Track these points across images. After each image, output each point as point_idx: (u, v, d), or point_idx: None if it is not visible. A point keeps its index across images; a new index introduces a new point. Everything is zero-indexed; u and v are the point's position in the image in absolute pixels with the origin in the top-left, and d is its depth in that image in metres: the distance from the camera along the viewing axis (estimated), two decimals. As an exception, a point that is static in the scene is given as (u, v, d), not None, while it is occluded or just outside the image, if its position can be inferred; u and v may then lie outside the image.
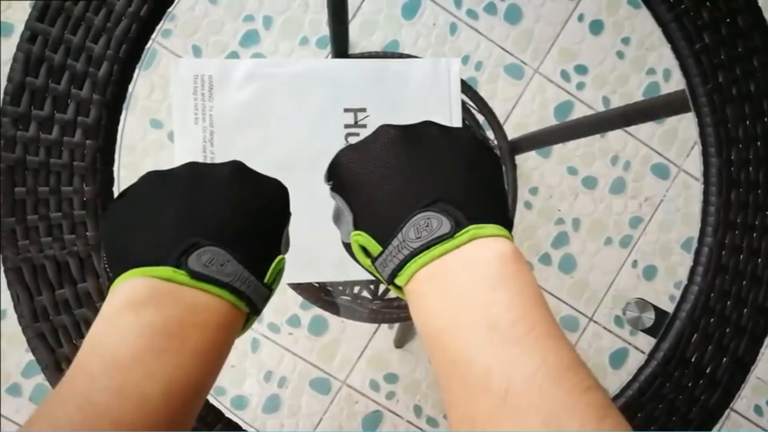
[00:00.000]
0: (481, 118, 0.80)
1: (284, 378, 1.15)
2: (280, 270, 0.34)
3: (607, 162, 1.23)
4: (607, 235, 1.22)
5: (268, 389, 1.15)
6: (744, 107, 0.51)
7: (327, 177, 0.36)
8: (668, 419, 0.49)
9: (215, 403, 0.47)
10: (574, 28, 1.22)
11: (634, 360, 1.22)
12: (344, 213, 0.34)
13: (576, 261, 1.21)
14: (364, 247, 0.32)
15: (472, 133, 0.35)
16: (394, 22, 1.19)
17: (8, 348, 1.10)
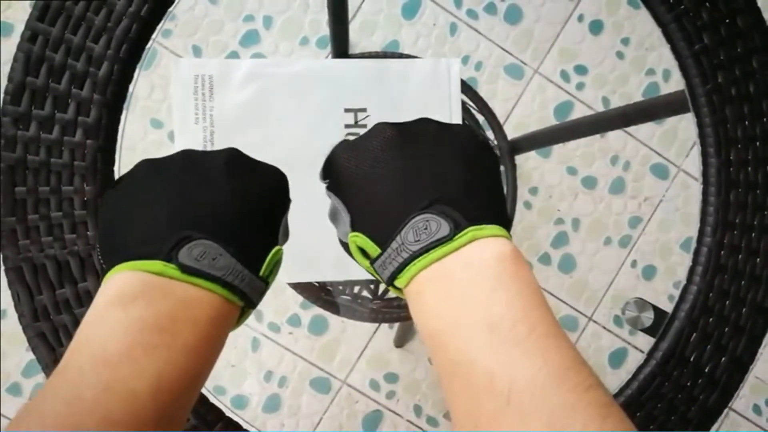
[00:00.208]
0: (481, 118, 0.80)
1: (284, 377, 1.15)
2: (277, 262, 0.34)
3: (606, 162, 1.23)
4: (607, 235, 1.22)
5: (269, 389, 1.15)
6: (743, 108, 0.51)
7: (322, 175, 0.35)
8: (667, 418, 0.49)
9: (215, 403, 0.47)
10: (573, 28, 1.22)
11: (633, 359, 1.22)
12: (341, 213, 0.33)
13: (575, 261, 1.22)
14: (362, 248, 0.32)
15: (470, 129, 0.35)
16: (394, 22, 1.19)
17: (8, 347, 1.10)
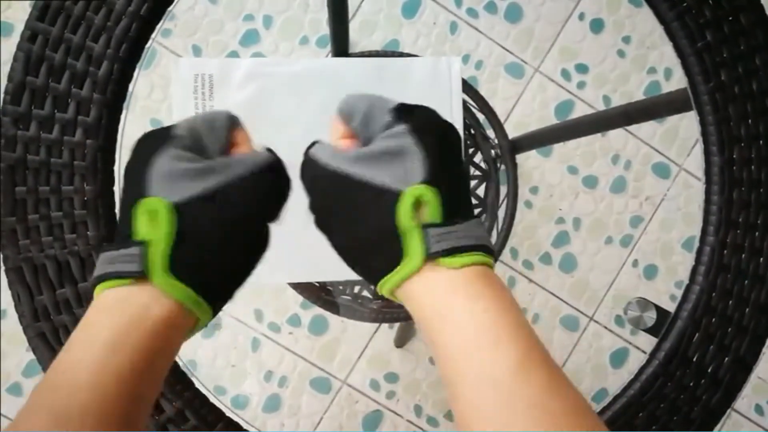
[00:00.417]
0: (481, 117, 0.80)
1: (285, 377, 1.15)
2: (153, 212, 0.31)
3: (607, 161, 1.22)
4: (608, 235, 1.22)
5: (269, 389, 1.15)
6: (746, 106, 0.51)
7: (397, 116, 0.33)
8: (670, 419, 0.49)
9: (216, 403, 0.47)
10: (574, 26, 1.22)
11: (635, 359, 1.22)
12: (409, 154, 0.31)
13: (576, 260, 1.21)
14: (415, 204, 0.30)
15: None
16: (395, 21, 1.19)
17: (9, 347, 1.10)
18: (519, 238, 1.20)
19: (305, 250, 0.59)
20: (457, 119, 0.62)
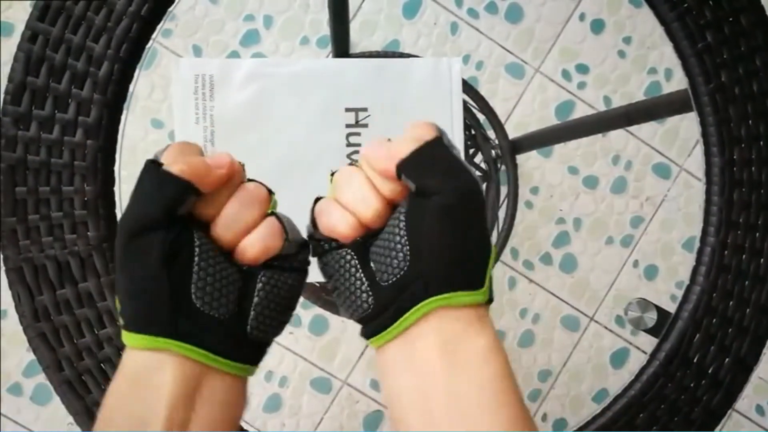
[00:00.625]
0: (482, 118, 0.80)
1: (285, 377, 1.15)
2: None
3: (608, 161, 1.22)
4: (609, 235, 1.22)
5: (269, 389, 1.15)
6: (746, 107, 0.51)
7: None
8: (670, 419, 0.49)
9: (216, 404, 0.47)
10: (575, 27, 1.22)
11: (636, 360, 1.22)
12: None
13: (577, 260, 1.21)
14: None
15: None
16: (395, 22, 1.19)
17: (9, 347, 1.10)
18: (519, 238, 1.20)
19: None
20: (457, 120, 0.62)
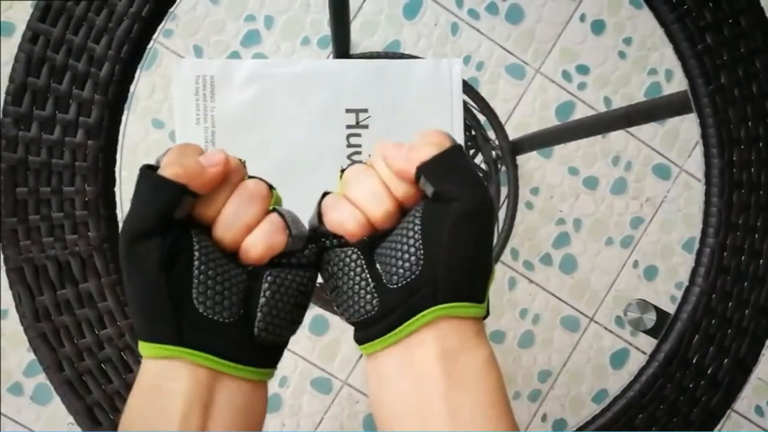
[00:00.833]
0: (482, 118, 0.80)
1: (285, 377, 1.15)
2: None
3: (608, 162, 1.23)
4: (608, 236, 1.22)
5: (269, 389, 1.14)
6: (746, 108, 0.51)
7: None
8: (669, 420, 0.49)
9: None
10: (575, 28, 1.22)
11: (635, 360, 1.22)
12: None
13: (577, 261, 1.21)
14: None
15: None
16: (396, 23, 1.19)
17: (9, 347, 1.10)
18: (520, 238, 1.21)
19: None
20: (457, 120, 0.62)
